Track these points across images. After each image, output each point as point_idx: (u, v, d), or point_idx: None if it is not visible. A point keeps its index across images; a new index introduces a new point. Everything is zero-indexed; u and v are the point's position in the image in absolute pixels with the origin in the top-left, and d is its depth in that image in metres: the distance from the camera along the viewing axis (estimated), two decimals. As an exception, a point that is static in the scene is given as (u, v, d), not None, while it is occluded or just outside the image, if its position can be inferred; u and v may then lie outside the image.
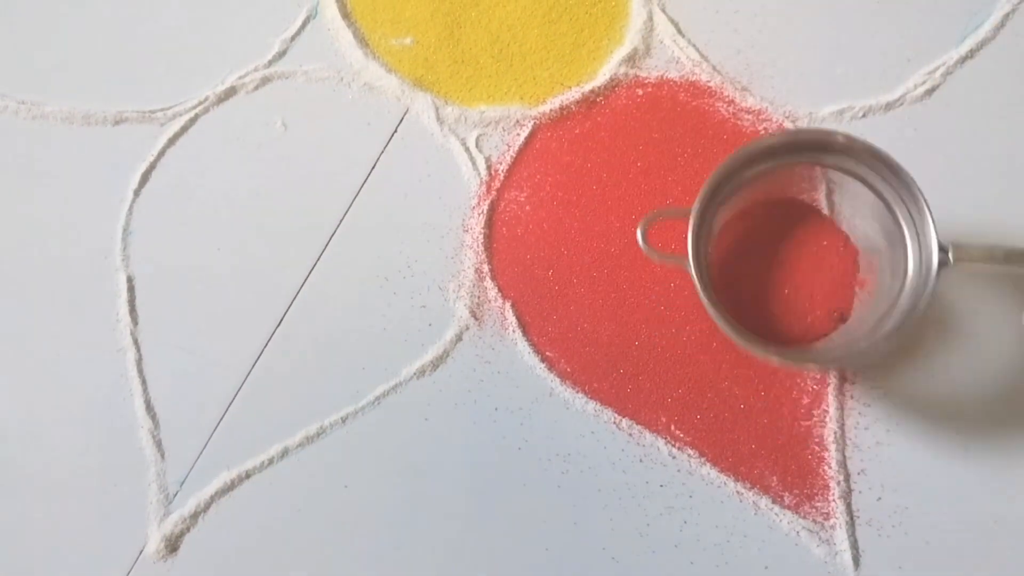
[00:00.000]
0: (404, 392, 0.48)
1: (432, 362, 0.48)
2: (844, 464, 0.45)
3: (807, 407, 0.46)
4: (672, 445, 0.46)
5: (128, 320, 0.50)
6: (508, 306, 0.49)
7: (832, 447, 0.46)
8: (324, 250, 0.51)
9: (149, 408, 0.48)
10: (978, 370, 0.46)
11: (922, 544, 0.44)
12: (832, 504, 0.45)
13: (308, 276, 0.50)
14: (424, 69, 0.54)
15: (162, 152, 0.53)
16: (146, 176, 0.53)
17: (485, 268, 0.50)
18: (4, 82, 0.55)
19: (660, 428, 0.47)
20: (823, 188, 0.46)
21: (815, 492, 0.45)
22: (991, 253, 0.41)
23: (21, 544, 0.46)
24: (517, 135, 0.52)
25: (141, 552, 0.46)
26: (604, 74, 0.53)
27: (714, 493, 0.45)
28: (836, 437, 0.46)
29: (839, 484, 0.45)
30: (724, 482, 0.45)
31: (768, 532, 0.44)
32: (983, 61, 0.52)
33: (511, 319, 0.49)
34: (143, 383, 0.49)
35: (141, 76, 0.55)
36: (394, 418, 0.47)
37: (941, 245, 0.41)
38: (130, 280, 0.51)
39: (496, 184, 0.52)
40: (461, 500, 0.46)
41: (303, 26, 0.56)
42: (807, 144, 0.44)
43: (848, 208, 0.46)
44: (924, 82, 0.52)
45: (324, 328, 0.49)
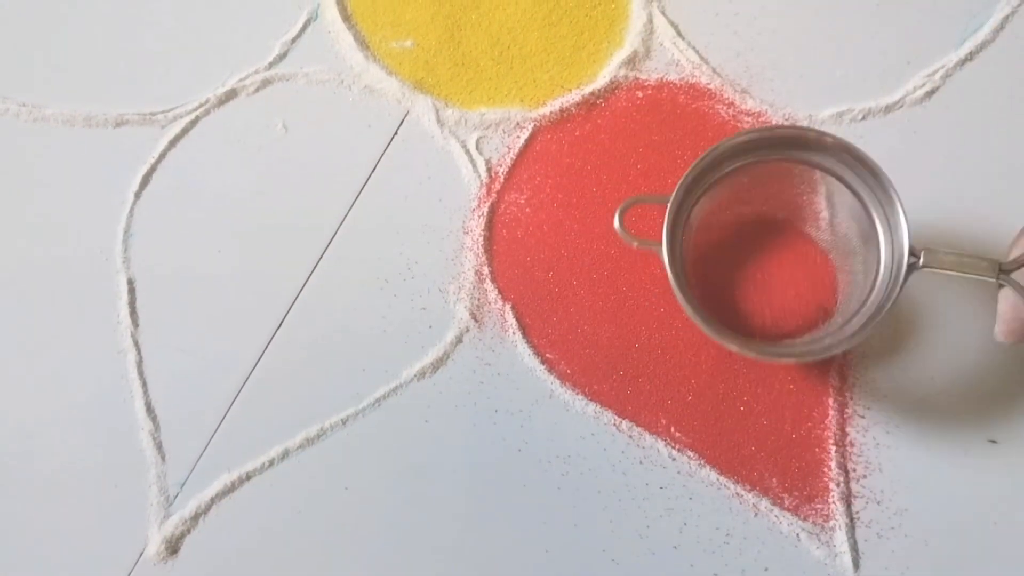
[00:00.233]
0: (404, 394, 0.48)
1: (432, 364, 0.48)
2: (844, 466, 0.45)
3: (807, 409, 0.46)
4: (672, 447, 0.46)
5: (129, 322, 0.50)
6: (508, 308, 0.49)
7: (832, 449, 0.46)
8: (324, 252, 0.51)
9: (149, 410, 0.48)
10: (979, 372, 0.46)
11: (922, 545, 0.44)
12: (832, 506, 0.45)
13: (308, 278, 0.50)
14: (424, 71, 0.55)
15: (163, 154, 0.53)
16: (147, 178, 0.53)
17: (485, 270, 0.50)
18: (5, 84, 0.55)
19: (660, 430, 0.47)
20: (805, 187, 0.46)
21: (815, 494, 0.45)
22: (960, 261, 0.41)
23: (21, 545, 0.46)
24: (517, 137, 0.52)
25: (141, 554, 0.46)
26: (604, 76, 0.53)
27: (714, 495, 0.45)
28: (836, 439, 0.46)
29: (839, 486, 0.45)
30: (724, 484, 0.45)
31: (768, 534, 0.44)
32: (983, 64, 0.52)
33: (511, 321, 0.49)
34: (143, 385, 0.49)
35: (142, 78, 0.55)
36: (394, 420, 0.47)
37: (912, 250, 0.41)
38: (131, 282, 0.51)
39: (496, 186, 0.52)
40: (461, 502, 0.46)
41: (304, 28, 0.56)
42: (787, 140, 0.44)
43: (827, 207, 0.47)
44: (924, 84, 0.52)
45: (324, 330, 0.49)
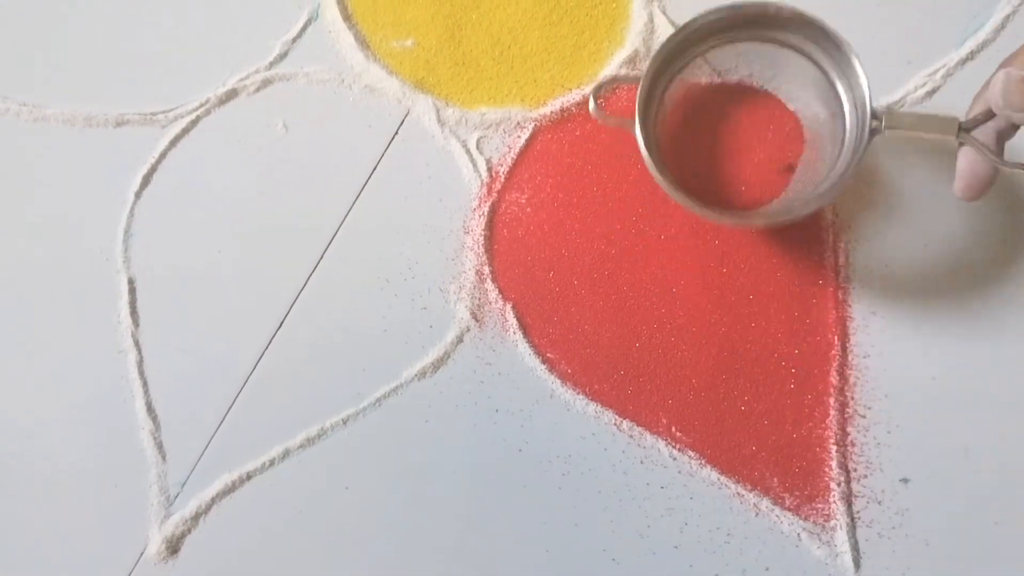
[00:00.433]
0: (405, 394, 0.48)
1: (433, 364, 0.48)
2: (845, 466, 0.45)
3: (808, 409, 0.46)
4: (673, 447, 0.46)
5: (129, 322, 0.50)
6: (509, 308, 0.49)
7: (833, 449, 0.46)
8: (325, 252, 0.51)
9: (150, 410, 0.48)
10: (980, 374, 0.46)
11: (922, 545, 0.44)
12: (833, 506, 0.45)
13: (309, 278, 0.50)
14: (425, 71, 0.55)
15: (163, 154, 0.53)
16: (147, 178, 0.53)
17: (486, 270, 0.50)
18: (5, 84, 0.55)
19: (661, 430, 0.47)
20: (772, 64, 0.48)
21: (816, 494, 0.45)
22: (921, 120, 0.41)
23: (22, 545, 0.47)
24: (518, 137, 0.52)
25: (142, 554, 0.46)
26: (605, 76, 0.53)
27: (715, 495, 0.45)
28: (837, 439, 0.46)
29: (840, 486, 0.45)
30: (725, 484, 0.45)
31: (769, 534, 0.44)
32: (984, 63, 0.52)
33: (512, 321, 0.49)
34: (144, 385, 0.49)
35: (142, 78, 0.55)
36: (395, 420, 0.47)
37: (875, 112, 0.42)
38: (131, 282, 0.51)
39: (497, 186, 0.52)
40: (462, 501, 0.46)
41: (304, 28, 0.56)
42: (752, 19, 0.45)
43: (791, 83, 0.48)
44: (924, 84, 0.52)
45: (325, 330, 0.49)
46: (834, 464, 0.45)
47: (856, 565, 0.44)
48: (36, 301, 0.51)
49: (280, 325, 0.50)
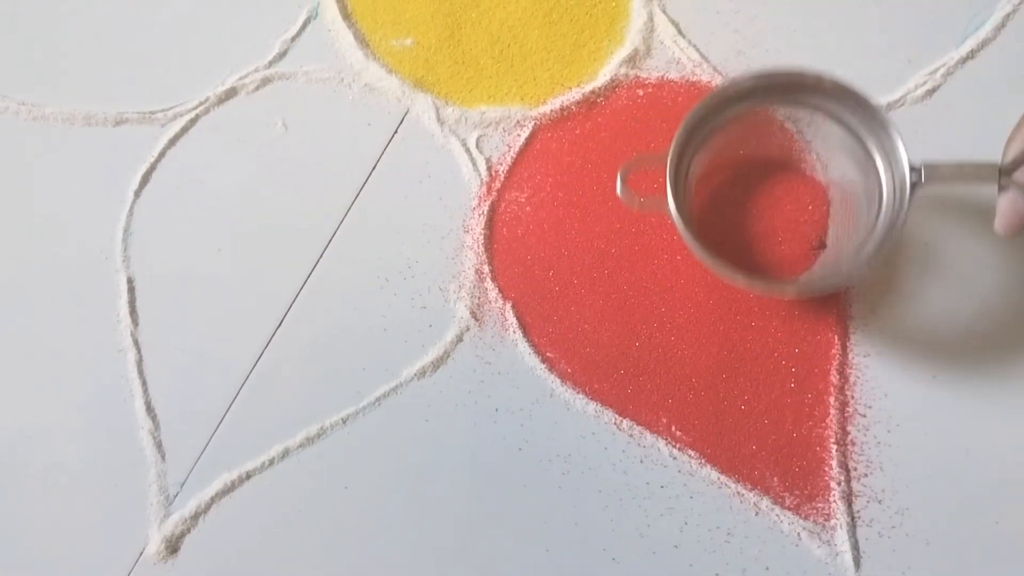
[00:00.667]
0: (404, 393, 0.48)
1: (432, 363, 0.48)
2: (845, 465, 0.45)
3: (808, 408, 0.46)
4: (673, 446, 0.46)
5: (128, 321, 0.50)
6: (508, 307, 0.49)
7: (833, 448, 0.45)
8: (324, 251, 0.51)
9: (149, 409, 0.48)
10: (980, 373, 0.46)
11: (923, 545, 0.44)
12: (833, 505, 0.45)
13: (308, 277, 0.50)
14: (425, 70, 0.54)
15: (162, 153, 0.53)
16: (146, 177, 0.53)
17: (485, 269, 0.50)
18: (4, 83, 0.55)
19: (661, 429, 0.47)
20: (795, 130, 0.47)
21: (816, 493, 0.45)
22: (961, 170, 0.41)
23: (21, 545, 0.46)
24: (517, 136, 0.52)
25: (141, 553, 0.46)
26: (605, 75, 0.53)
27: (715, 494, 0.45)
28: (837, 438, 0.46)
29: (840, 485, 0.45)
30: (725, 483, 0.45)
31: (769, 533, 0.44)
32: (984, 62, 0.52)
33: (511, 320, 0.49)
34: (143, 384, 0.49)
35: (141, 77, 0.55)
36: (394, 419, 0.47)
37: (912, 165, 0.42)
38: (130, 281, 0.51)
39: (496, 185, 0.52)
40: (461, 501, 0.46)
41: (303, 27, 0.56)
42: (779, 86, 0.45)
43: (821, 145, 0.48)
44: (925, 83, 0.52)
45: (324, 329, 0.49)
46: (834, 463, 0.45)
47: (856, 564, 0.44)
48: (35, 300, 0.51)
49: (280, 324, 0.49)
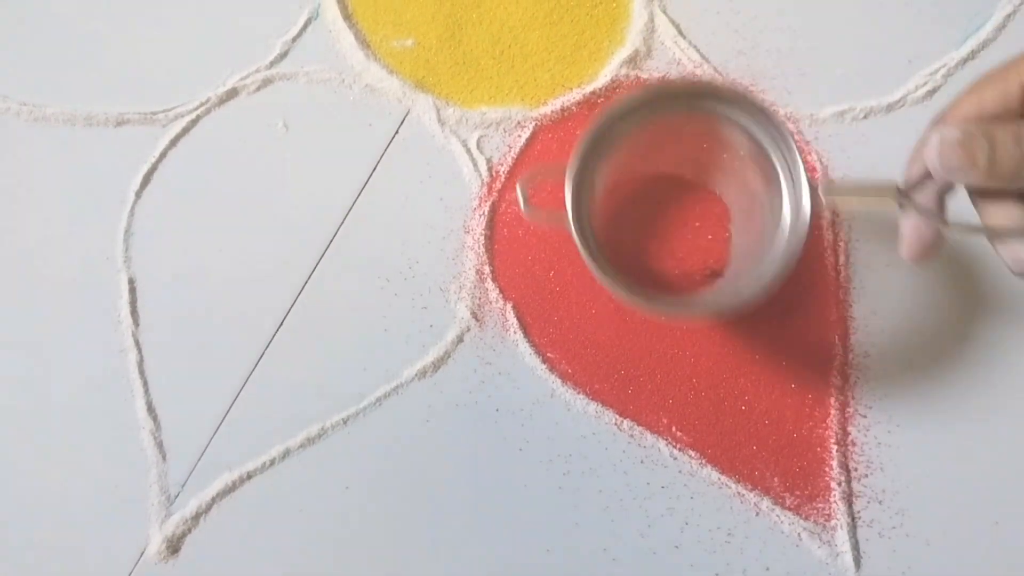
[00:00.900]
0: (405, 393, 0.48)
1: (433, 363, 0.48)
2: (845, 465, 0.45)
3: (808, 408, 0.46)
4: (673, 446, 0.46)
5: (129, 321, 0.50)
6: (509, 307, 0.49)
7: (833, 448, 0.46)
8: (325, 251, 0.51)
9: (150, 409, 0.48)
10: (981, 373, 0.46)
11: (923, 545, 0.44)
12: (833, 505, 0.45)
13: (309, 277, 0.50)
14: (425, 71, 0.54)
15: (163, 154, 0.53)
16: (147, 177, 0.53)
17: (486, 269, 0.50)
18: (5, 84, 0.55)
19: (661, 429, 0.47)
20: (703, 136, 0.45)
21: (816, 493, 0.45)
22: (860, 188, 0.39)
23: (22, 545, 0.46)
24: (518, 136, 0.52)
25: (142, 554, 0.46)
26: (605, 75, 0.53)
27: (715, 494, 0.45)
28: (838, 438, 0.46)
29: (840, 485, 0.45)
30: (725, 483, 0.45)
31: (769, 533, 0.44)
32: (984, 62, 0.52)
33: (512, 320, 0.49)
34: (144, 384, 0.49)
35: (143, 78, 0.55)
36: (395, 419, 0.47)
37: (811, 183, 0.40)
38: (131, 281, 0.51)
39: (497, 185, 0.52)
40: (462, 501, 0.46)
41: (304, 27, 0.56)
42: (682, 94, 0.43)
43: (726, 153, 0.46)
44: (925, 83, 0.52)
45: (325, 329, 0.49)
46: (835, 464, 0.45)
47: (856, 565, 0.44)
48: (36, 301, 0.51)
49: (280, 324, 0.50)
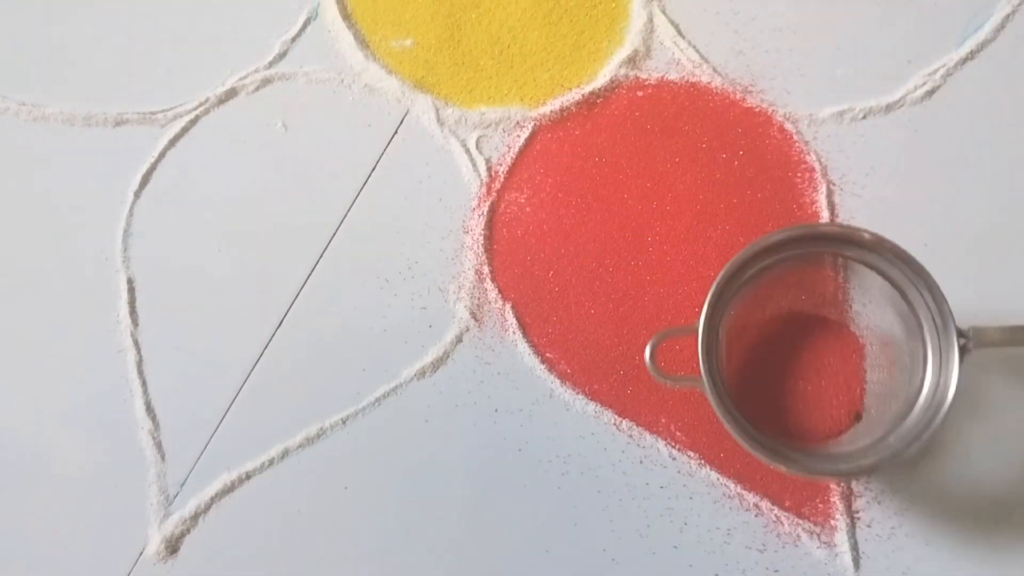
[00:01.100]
0: (404, 393, 0.48)
1: (432, 363, 0.48)
2: (845, 466, 0.45)
3: (808, 409, 0.46)
4: (672, 447, 0.46)
5: (128, 321, 0.50)
6: (508, 307, 0.49)
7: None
8: (324, 251, 0.51)
9: (149, 409, 0.48)
10: (980, 374, 0.46)
11: (923, 546, 0.44)
12: (833, 506, 0.45)
13: (308, 277, 0.50)
14: (424, 71, 0.54)
15: (163, 153, 0.53)
16: (147, 177, 0.53)
17: (485, 269, 0.50)
18: (4, 83, 0.55)
19: (660, 429, 0.46)
20: (833, 278, 0.44)
21: (816, 494, 0.45)
22: (1012, 333, 0.39)
23: (21, 545, 0.46)
24: (517, 136, 0.52)
25: (141, 554, 0.46)
26: (604, 75, 0.53)
27: (715, 495, 0.45)
28: (837, 439, 0.46)
29: (839, 486, 0.45)
30: (724, 484, 0.45)
31: (768, 534, 0.44)
32: (984, 63, 0.52)
33: (511, 320, 0.49)
34: (143, 384, 0.49)
35: (142, 78, 0.55)
36: (394, 419, 0.47)
37: (960, 331, 0.39)
38: (130, 281, 0.51)
39: (496, 185, 0.52)
40: (461, 501, 0.46)
41: (303, 28, 0.56)
42: (813, 237, 0.42)
43: (860, 295, 0.45)
44: (925, 83, 0.52)
45: (324, 329, 0.49)
46: (834, 464, 0.45)
47: (856, 565, 0.44)
48: (35, 301, 0.51)
49: (279, 324, 0.49)
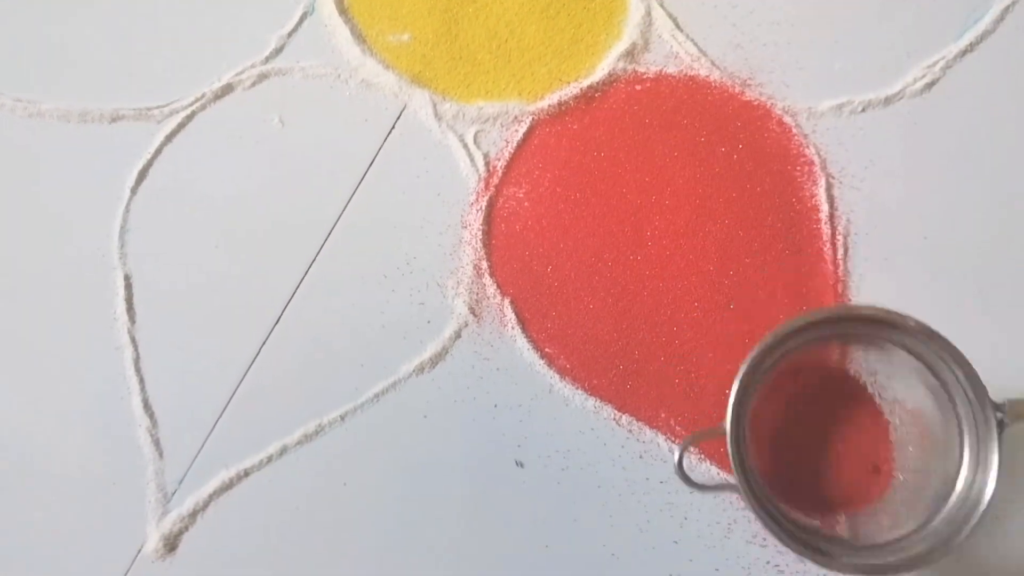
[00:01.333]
0: (403, 389, 0.48)
1: (431, 359, 0.48)
2: (845, 460, 0.45)
3: (808, 403, 0.46)
4: (672, 441, 0.46)
5: (126, 318, 0.50)
6: (507, 303, 0.49)
7: (833, 443, 0.45)
8: (322, 247, 0.51)
9: (147, 406, 0.48)
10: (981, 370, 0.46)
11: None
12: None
13: (306, 273, 0.50)
14: (422, 65, 0.54)
15: (159, 150, 0.53)
16: (143, 174, 0.53)
17: (484, 264, 0.50)
18: (0, 80, 0.55)
19: (660, 424, 0.46)
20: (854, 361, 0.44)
21: (816, 489, 0.45)
22: None
23: (19, 543, 0.46)
24: (515, 131, 0.52)
25: (139, 551, 0.46)
26: (602, 69, 0.53)
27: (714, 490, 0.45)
28: (837, 433, 0.46)
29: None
30: (724, 479, 0.45)
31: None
32: (983, 55, 0.52)
33: (510, 315, 0.49)
34: (141, 381, 0.48)
35: (138, 73, 0.55)
36: (393, 415, 0.47)
37: (995, 404, 0.39)
38: (127, 278, 0.51)
39: (494, 180, 0.51)
40: (460, 497, 0.46)
41: (300, 22, 0.55)
42: (817, 323, 0.41)
43: (885, 369, 0.44)
44: (924, 76, 0.52)
45: (322, 325, 0.49)
46: (835, 459, 0.45)
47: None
48: (32, 298, 0.51)
49: (277, 321, 0.49)
